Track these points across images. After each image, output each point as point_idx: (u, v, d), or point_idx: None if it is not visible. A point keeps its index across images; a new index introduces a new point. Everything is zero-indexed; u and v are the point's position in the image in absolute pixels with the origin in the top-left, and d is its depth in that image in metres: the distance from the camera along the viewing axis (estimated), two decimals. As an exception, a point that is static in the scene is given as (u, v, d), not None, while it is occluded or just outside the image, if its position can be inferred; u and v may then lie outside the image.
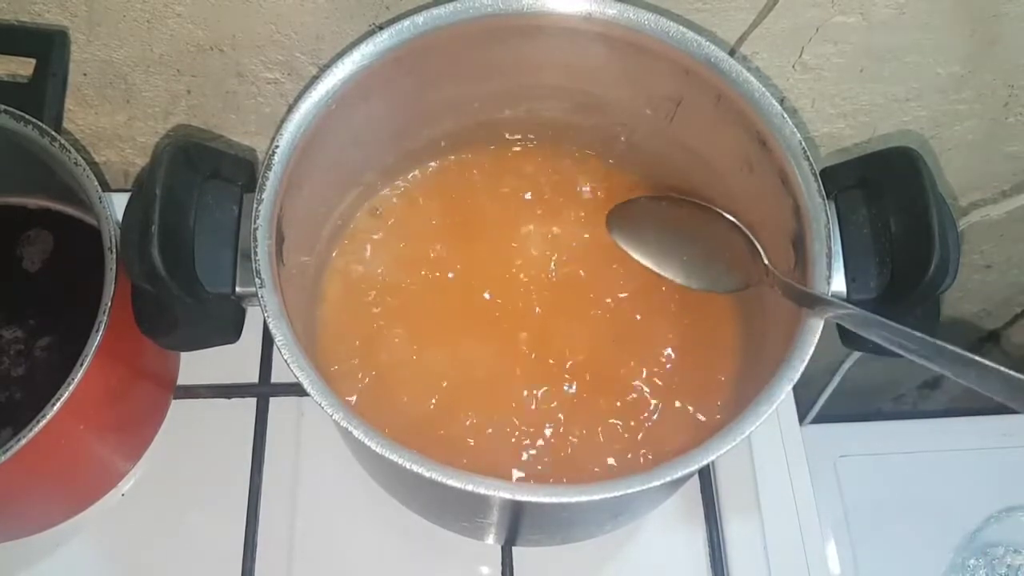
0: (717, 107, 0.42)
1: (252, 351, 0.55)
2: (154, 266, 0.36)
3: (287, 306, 0.38)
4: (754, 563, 0.51)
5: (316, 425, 0.53)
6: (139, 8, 0.47)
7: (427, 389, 0.47)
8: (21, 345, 0.52)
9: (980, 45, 0.51)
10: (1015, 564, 0.67)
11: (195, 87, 0.53)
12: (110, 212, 0.43)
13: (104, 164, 0.61)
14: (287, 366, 0.35)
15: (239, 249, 0.39)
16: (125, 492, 0.52)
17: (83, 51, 0.50)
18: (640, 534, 0.51)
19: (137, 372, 0.49)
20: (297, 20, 0.48)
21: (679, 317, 0.49)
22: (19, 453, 0.39)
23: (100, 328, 0.41)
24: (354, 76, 0.41)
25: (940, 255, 0.37)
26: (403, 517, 0.50)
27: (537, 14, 0.42)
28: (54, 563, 0.50)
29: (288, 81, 0.53)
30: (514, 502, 0.35)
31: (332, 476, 0.52)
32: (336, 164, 0.45)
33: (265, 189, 0.38)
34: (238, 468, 0.52)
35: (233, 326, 0.42)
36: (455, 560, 0.51)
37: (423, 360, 0.47)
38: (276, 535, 0.51)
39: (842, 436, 0.71)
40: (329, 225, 0.48)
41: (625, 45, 0.42)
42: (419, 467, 0.34)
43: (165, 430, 0.53)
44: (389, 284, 0.49)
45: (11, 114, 0.45)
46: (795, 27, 0.49)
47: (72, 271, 0.52)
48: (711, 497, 0.52)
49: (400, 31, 0.41)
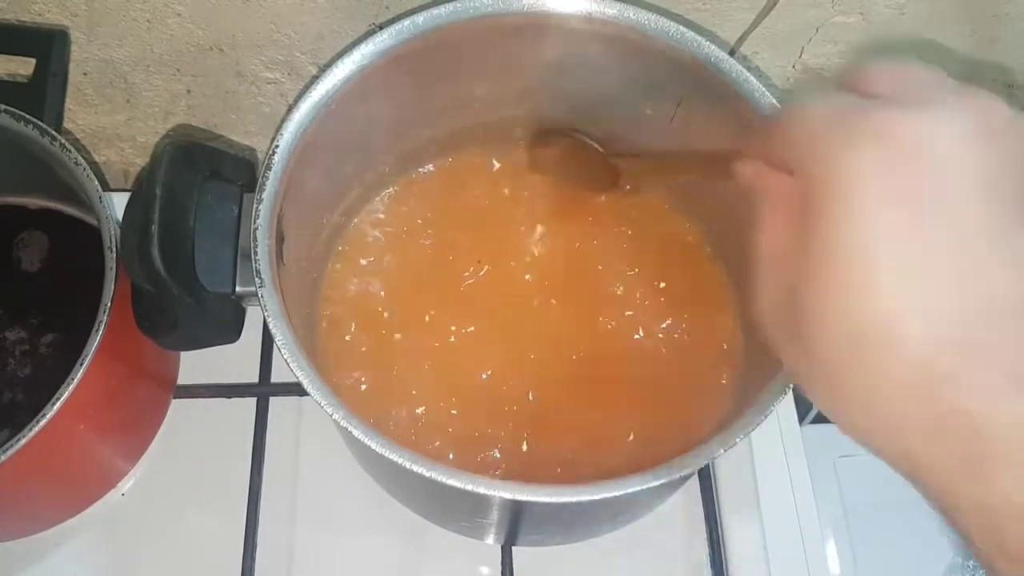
0: (717, 107, 0.42)
1: (252, 351, 0.55)
2: (154, 266, 0.36)
3: (287, 306, 0.38)
4: (754, 563, 0.51)
5: (316, 425, 0.53)
6: (139, 8, 0.47)
7: (428, 389, 0.47)
8: (26, 345, 0.52)
9: (980, 45, 0.51)
10: (1015, 564, 0.67)
11: (195, 87, 0.53)
12: (110, 212, 0.43)
13: (104, 164, 0.61)
14: (287, 366, 0.35)
15: (239, 249, 0.39)
16: (125, 492, 0.52)
17: (83, 51, 0.50)
18: (640, 534, 0.51)
19: (137, 372, 0.49)
20: (297, 20, 0.48)
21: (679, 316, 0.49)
22: (19, 453, 0.39)
23: (100, 328, 0.41)
24: (354, 76, 0.41)
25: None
26: (403, 517, 0.50)
27: (537, 14, 0.42)
28: (54, 563, 0.50)
29: (288, 81, 0.53)
30: (514, 502, 0.35)
31: (332, 476, 0.52)
32: (336, 164, 0.45)
33: (265, 189, 0.38)
34: (238, 468, 0.52)
35: (233, 326, 0.42)
36: (455, 560, 0.51)
37: (423, 360, 0.47)
38: (276, 535, 0.50)
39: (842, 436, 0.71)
40: (329, 225, 0.48)
41: (625, 45, 0.42)
42: (419, 467, 0.34)
43: (165, 430, 0.53)
44: (389, 284, 0.49)
45: (11, 114, 0.45)
46: (795, 27, 0.49)
47: (72, 271, 0.52)
48: (711, 497, 0.52)
49: (400, 31, 0.41)
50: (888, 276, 0.23)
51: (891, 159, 0.23)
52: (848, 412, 0.25)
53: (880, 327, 0.23)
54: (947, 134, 0.24)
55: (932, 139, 0.24)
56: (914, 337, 0.23)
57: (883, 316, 0.23)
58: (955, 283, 0.23)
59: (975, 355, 0.23)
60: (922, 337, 0.23)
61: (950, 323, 0.23)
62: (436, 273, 0.49)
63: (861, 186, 0.23)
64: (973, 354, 0.23)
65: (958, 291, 0.23)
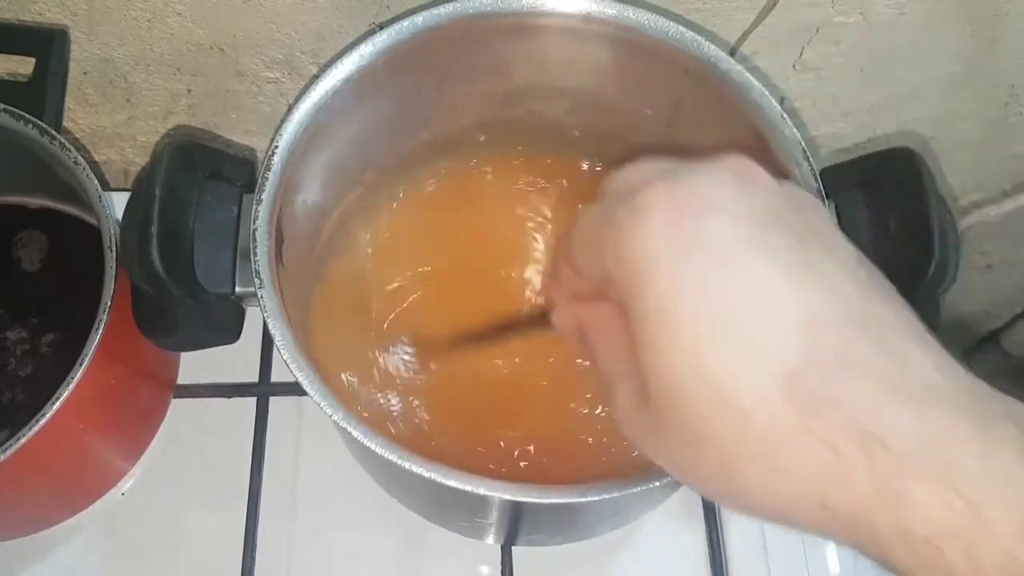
0: (717, 107, 0.42)
1: (252, 351, 0.55)
2: (154, 266, 0.36)
3: (287, 306, 0.38)
4: (754, 563, 0.51)
5: (316, 425, 0.53)
6: (139, 7, 0.47)
7: (428, 388, 0.47)
8: (27, 345, 0.52)
9: (980, 45, 0.51)
10: (1015, 564, 0.67)
11: (195, 86, 0.53)
12: (110, 211, 0.43)
13: (104, 163, 0.61)
14: (287, 366, 0.35)
15: (239, 249, 0.39)
16: (125, 492, 0.52)
17: (83, 50, 0.50)
18: (640, 534, 0.51)
19: (137, 372, 0.49)
20: (297, 19, 0.48)
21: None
22: (19, 453, 0.39)
23: (100, 328, 0.41)
24: (354, 76, 0.41)
25: (940, 255, 0.37)
26: (403, 517, 0.50)
27: (537, 14, 0.42)
28: (54, 563, 0.50)
29: (288, 80, 0.53)
30: (514, 502, 0.35)
31: (332, 476, 0.52)
32: (336, 164, 0.45)
33: (265, 189, 0.38)
34: (238, 468, 0.52)
35: (233, 326, 0.42)
36: (455, 560, 0.51)
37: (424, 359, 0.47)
38: (276, 535, 0.51)
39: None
40: (329, 225, 0.48)
41: (625, 45, 0.42)
42: (419, 467, 0.34)
43: (165, 430, 0.53)
44: (389, 284, 0.49)
45: (11, 113, 0.45)
46: (795, 27, 0.49)
47: (72, 271, 0.52)
48: (711, 497, 0.52)
49: (400, 31, 0.41)
50: (717, 318, 0.22)
51: (684, 216, 0.23)
52: (740, 472, 0.22)
53: (731, 369, 0.22)
54: (717, 184, 0.24)
55: (707, 192, 0.23)
56: (767, 367, 0.21)
57: (731, 358, 0.22)
58: (784, 309, 0.22)
59: (837, 368, 0.21)
60: (774, 365, 0.21)
61: (798, 344, 0.22)
62: (436, 274, 0.49)
63: (665, 251, 0.23)
64: (835, 368, 0.21)
65: (789, 315, 0.22)
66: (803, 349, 0.22)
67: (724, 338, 0.22)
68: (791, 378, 0.21)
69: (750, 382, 0.22)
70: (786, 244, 0.23)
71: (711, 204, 0.23)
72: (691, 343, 0.22)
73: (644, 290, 0.23)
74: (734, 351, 0.22)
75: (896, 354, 0.22)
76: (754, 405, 0.21)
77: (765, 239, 0.23)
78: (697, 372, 0.22)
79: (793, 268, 0.23)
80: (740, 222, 0.23)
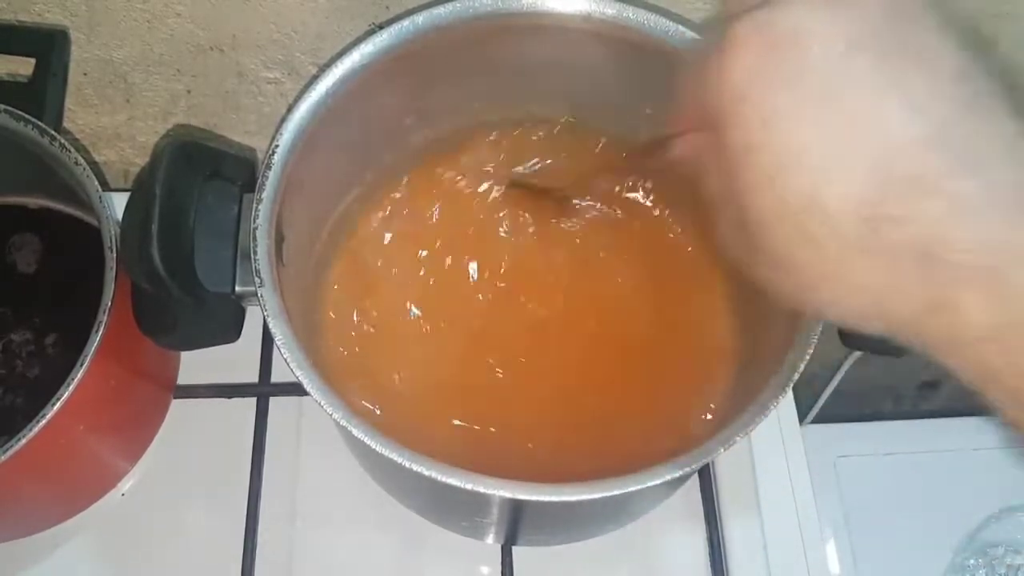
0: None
1: (252, 351, 0.55)
2: (154, 266, 0.36)
3: (287, 306, 0.38)
4: (754, 563, 0.51)
5: (316, 425, 0.53)
6: (139, 8, 0.47)
7: (428, 388, 0.47)
8: (32, 346, 0.52)
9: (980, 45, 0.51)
10: (1015, 564, 0.67)
11: (195, 87, 0.53)
12: (110, 212, 0.43)
13: (104, 164, 0.61)
14: (287, 366, 0.35)
15: (239, 249, 0.39)
16: (125, 492, 0.52)
17: (83, 51, 0.50)
18: (640, 534, 0.51)
19: (137, 372, 0.49)
20: (297, 19, 0.48)
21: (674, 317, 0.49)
22: (19, 453, 0.39)
23: (100, 328, 0.41)
24: (354, 76, 0.41)
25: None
26: (403, 517, 0.50)
27: (537, 14, 0.42)
28: (54, 563, 0.50)
29: (288, 81, 0.53)
30: (514, 501, 0.35)
31: (332, 476, 0.52)
32: (336, 164, 0.45)
33: (265, 189, 0.38)
34: (238, 468, 0.52)
35: (233, 326, 0.42)
36: (455, 560, 0.51)
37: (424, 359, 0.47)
38: (276, 535, 0.50)
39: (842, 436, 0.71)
40: (329, 225, 0.48)
41: (625, 45, 0.42)
42: (419, 467, 0.34)
43: (165, 430, 0.53)
44: (389, 284, 0.49)
45: (11, 114, 0.45)
46: (795, 27, 0.48)
47: (72, 271, 0.52)
48: (711, 497, 0.52)
49: (400, 31, 0.41)
50: (795, 149, 0.24)
51: (770, 49, 0.24)
52: (815, 291, 0.26)
53: (807, 199, 0.24)
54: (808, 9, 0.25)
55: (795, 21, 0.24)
56: (840, 195, 0.23)
57: (807, 188, 0.24)
58: (860, 135, 0.23)
59: (908, 190, 0.23)
60: (846, 193, 0.23)
61: (870, 170, 0.23)
62: (437, 274, 0.49)
63: (750, 86, 0.24)
64: (906, 190, 0.23)
65: (865, 141, 0.23)
66: (874, 175, 0.23)
67: (799, 171, 0.24)
68: (861, 206, 0.23)
69: (823, 214, 0.24)
70: (871, 66, 0.24)
71: (798, 33, 0.24)
72: (771, 179, 0.24)
73: (733, 124, 0.25)
74: (810, 184, 0.24)
75: (978, 172, 0.23)
76: (827, 235, 0.24)
77: (849, 65, 0.24)
78: (777, 206, 0.25)
79: (874, 92, 0.24)
80: (826, 49, 0.24)
